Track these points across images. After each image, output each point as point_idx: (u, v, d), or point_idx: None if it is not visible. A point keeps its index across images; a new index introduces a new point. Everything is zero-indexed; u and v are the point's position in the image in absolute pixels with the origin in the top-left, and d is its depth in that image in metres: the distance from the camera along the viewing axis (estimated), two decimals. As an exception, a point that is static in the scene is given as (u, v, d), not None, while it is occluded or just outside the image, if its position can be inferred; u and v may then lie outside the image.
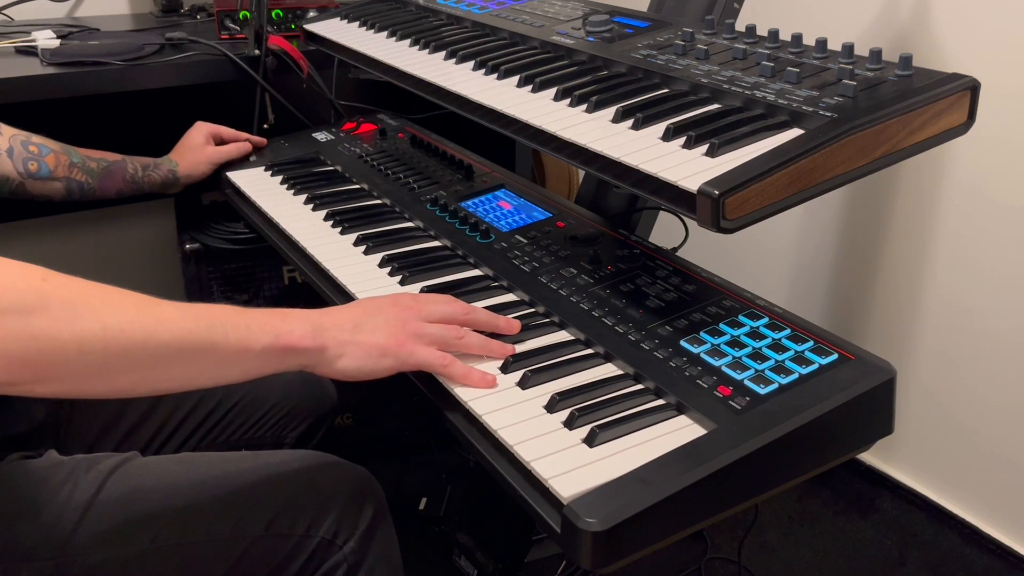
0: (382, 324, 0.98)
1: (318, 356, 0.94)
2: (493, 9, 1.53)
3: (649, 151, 0.97)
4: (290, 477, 1.07)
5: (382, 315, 0.99)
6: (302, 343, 0.92)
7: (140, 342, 0.81)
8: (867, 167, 0.95)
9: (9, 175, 1.43)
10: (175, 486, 1.04)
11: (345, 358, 0.95)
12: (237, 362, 0.89)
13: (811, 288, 2.04)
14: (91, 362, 0.79)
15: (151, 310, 0.84)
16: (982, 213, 1.64)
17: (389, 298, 1.03)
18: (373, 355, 0.96)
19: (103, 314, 0.79)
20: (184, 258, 1.78)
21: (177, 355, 0.84)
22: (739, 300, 1.06)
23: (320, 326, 0.94)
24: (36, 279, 0.78)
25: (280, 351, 0.91)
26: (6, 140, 1.42)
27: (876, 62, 1.02)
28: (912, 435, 1.86)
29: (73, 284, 0.80)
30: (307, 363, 0.94)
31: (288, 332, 0.92)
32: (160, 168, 1.61)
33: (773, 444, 0.84)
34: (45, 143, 1.47)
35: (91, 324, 0.78)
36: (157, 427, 1.29)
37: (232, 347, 0.88)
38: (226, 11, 1.88)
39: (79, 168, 1.50)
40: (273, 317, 0.92)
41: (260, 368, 0.91)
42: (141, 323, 0.82)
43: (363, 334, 0.96)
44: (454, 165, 1.55)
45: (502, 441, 0.89)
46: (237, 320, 0.89)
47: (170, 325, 0.84)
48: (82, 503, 0.99)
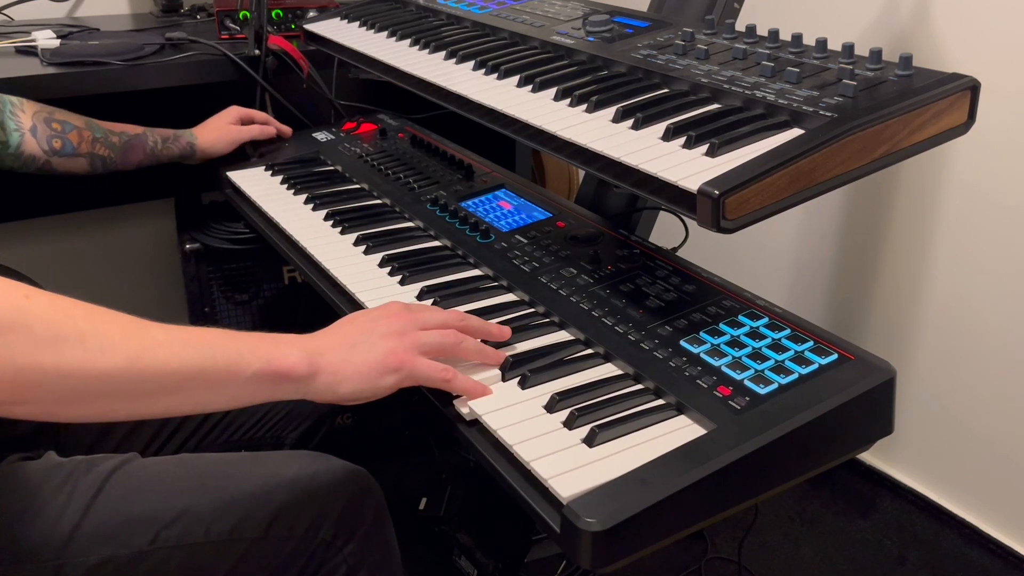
0: (378, 340, 0.93)
1: (312, 383, 0.89)
2: (493, 9, 1.53)
3: (649, 151, 0.97)
4: (290, 479, 1.07)
5: (378, 331, 0.94)
6: (295, 369, 0.88)
7: (122, 368, 0.77)
8: (867, 167, 0.95)
9: (35, 154, 1.44)
10: (175, 487, 1.04)
11: (343, 384, 0.91)
12: (225, 389, 0.85)
13: (811, 288, 2.04)
14: (70, 386, 0.76)
15: (137, 334, 0.80)
16: (982, 213, 1.64)
17: (382, 310, 0.99)
18: (372, 376, 0.91)
19: (86, 336, 0.76)
20: (184, 258, 1.78)
21: (162, 382, 0.80)
22: (739, 300, 1.06)
23: (314, 351, 0.90)
24: (18, 297, 0.74)
25: (271, 377, 0.87)
26: (29, 118, 1.43)
27: (876, 62, 1.02)
28: (912, 435, 1.86)
29: (57, 303, 0.77)
30: (303, 391, 0.90)
31: (281, 357, 0.87)
32: (179, 140, 1.62)
33: (773, 444, 0.84)
34: (68, 119, 1.47)
35: (72, 348, 0.75)
36: (156, 428, 1.29)
37: (221, 373, 0.84)
38: (226, 11, 1.88)
39: (101, 143, 1.51)
40: (264, 341, 0.88)
41: (251, 395, 0.87)
42: (125, 347, 0.78)
43: (360, 354, 0.92)
44: (454, 165, 1.55)
45: (502, 441, 0.89)
46: (227, 344, 0.85)
47: (156, 351, 0.80)
48: (82, 504, 0.99)
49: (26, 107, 1.43)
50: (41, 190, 1.89)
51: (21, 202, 2.01)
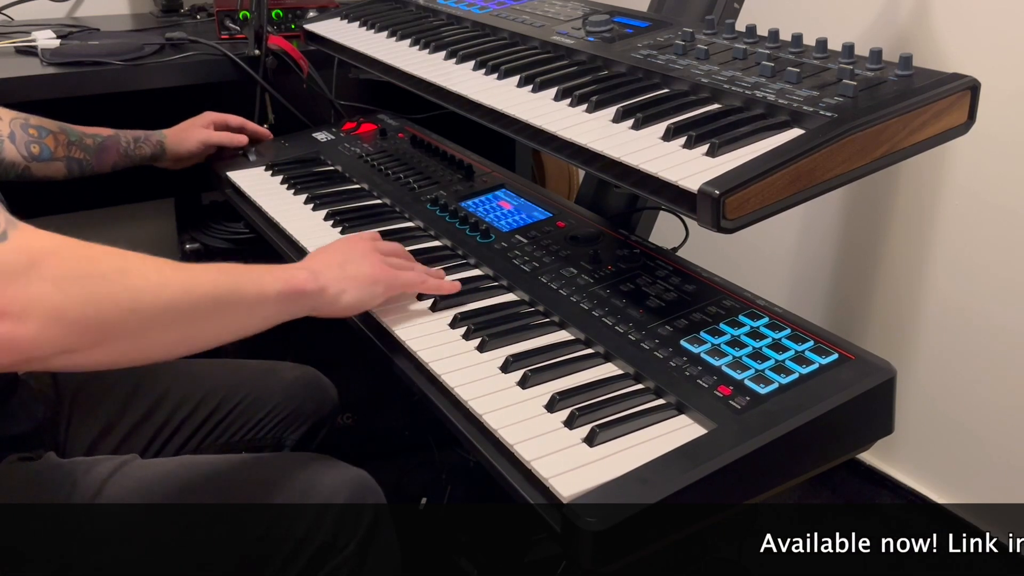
0: (360, 258, 1.09)
1: (321, 297, 1.02)
2: (493, 9, 1.53)
3: (649, 151, 0.97)
4: (290, 480, 1.07)
5: (356, 251, 1.10)
6: (307, 286, 1.00)
7: (181, 296, 0.87)
8: (867, 167, 0.95)
9: (15, 160, 1.43)
10: (174, 488, 1.04)
11: (346, 294, 1.05)
12: (258, 309, 0.96)
13: (811, 288, 2.04)
14: (143, 319, 0.84)
15: (182, 269, 0.91)
16: (982, 214, 1.64)
17: (347, 239, 1.17)
18: (367, 285, 1.07)
19: (147, 273, 0.86)
20: (184, 258, 1.78)
21: (212, 306, 0.91)
22: (739, 300, 1.06)
23: (315, 270, 1.03)
24: (83, 248, 0.83)
25: (291, 295, 0.98)
26: (7, 125, 1.42)
27: (876, 62, 1.02)
28: (912, 435, 1.86)
29: (113, 250, 0.86)
30: (314, 305, 1.02)
31: (292, 277, 1.00)
32: (150, 140, 1.61)
33: (773, 444, 0.84)
34: (42, 124, 1.47)
35: (139, 282, 0.84)
36: (156, 429, 1.28)
37: (253, 296, 0.95)
38: (226, 11, 1.88)
39: (77, 146, 1.50)
40: (274, 269, 1.00)
41: (277, 314, 0.98)
42: (179, 279, 0.88)
43: (351, 269, 1.06)
44: (454, 165, 1.55)
45: (502, 440, 0.89)
46: (248, 272, 0.97)
47: (202, 279, 0.91)
48: (81, 506, 0.99)
49: (2, 114, 1.42)
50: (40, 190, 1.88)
51: (21, 202, 1.99)
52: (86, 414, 1.25)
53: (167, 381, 1.30)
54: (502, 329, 1.07)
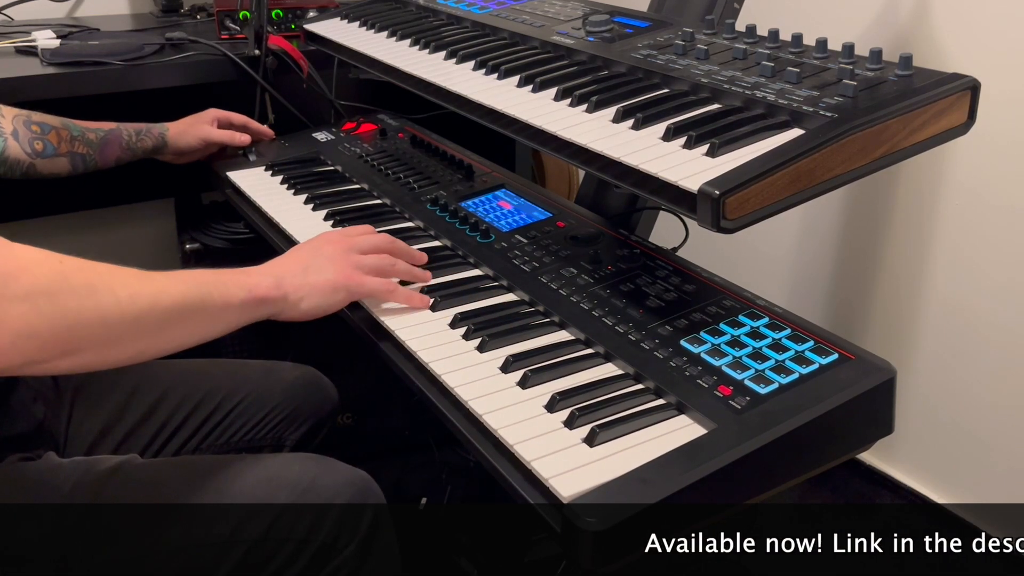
0: (326, 263, 1.10)
1: (283, 303, 1.05)
2: (493, 9, 1.53)
3: (649, 151, 0.97)
4: (290, 480, 1.07)
5: (323, 254, 1.11)
6: (270, 293, 1.04)
7: (149, 309, 0.90)
8: (867, 167, 0.95)
9: (19, 158, 1.43)
10: (174, 489, 1.04)
11: (305, 300, 1.07)
12: (223, 317, 0.99)
13: (811, 288, 2.04)
14: (111, 333, 0.87)
15: (150, 280, 0.93)
16: (982, 213, 1.64)
17: (321, 238, 1.16)
18: (327, 292, 1.08)
19: (115, 288, 0.88)
20: (184, 258, 1.78)
21: (178, 316, 0.94)
22: (739, 300, 1.06)
23: (278, 275, 1.06)
24: (55, 263, 0.85)
25: (254, 303, 1.02)
26: (10, 122, 1.42)
27: (876, 62, 1.02)
28: (912, 435, 1.86)
29: (85, 264, 0.88)
30: (274, 311, 1.05)
31: (256, 285, 1.03)
32: (152, 132, 1.62)
33: (773, 444, 0.84)
34: (45, 120, 1.47)
35: (108, 297, 0.87)
36: (156, 429, 1.28)
37: (218, 304, 0.98)
38: (226, 11, 1.88)
39: (80, 141, 1.51)
40: (238, 274, 1.03)
41: (238, 320, 1.01)
42: (146, 292, 0.91)
43: (312, 275, 1.08)
44: (454, 165, 1.55)
45: (502, 440, 0.89)
46: (215, 279, 1.00)
47: (169, 290, 0.93)
48: (81, 506, 0.99)
49: (5, 112, 1.42)
50: (40, 190, 1.88)
51: (21, 202, 2.00)
52: (86, 414, 1.25)
53: (167, 381, 1.30)
54: (502, 329, 1.07)
